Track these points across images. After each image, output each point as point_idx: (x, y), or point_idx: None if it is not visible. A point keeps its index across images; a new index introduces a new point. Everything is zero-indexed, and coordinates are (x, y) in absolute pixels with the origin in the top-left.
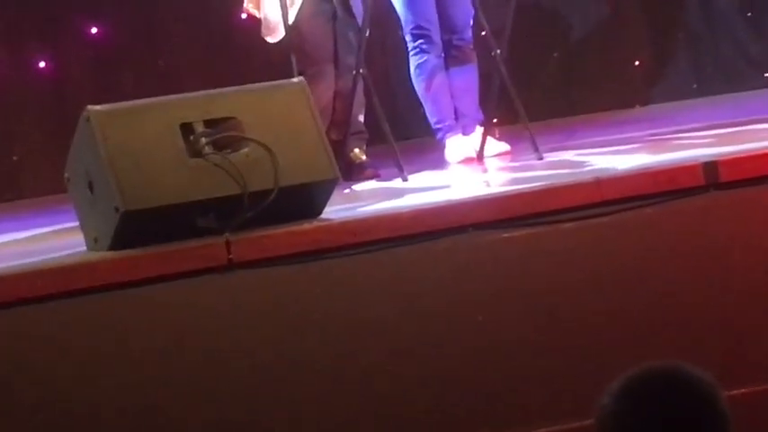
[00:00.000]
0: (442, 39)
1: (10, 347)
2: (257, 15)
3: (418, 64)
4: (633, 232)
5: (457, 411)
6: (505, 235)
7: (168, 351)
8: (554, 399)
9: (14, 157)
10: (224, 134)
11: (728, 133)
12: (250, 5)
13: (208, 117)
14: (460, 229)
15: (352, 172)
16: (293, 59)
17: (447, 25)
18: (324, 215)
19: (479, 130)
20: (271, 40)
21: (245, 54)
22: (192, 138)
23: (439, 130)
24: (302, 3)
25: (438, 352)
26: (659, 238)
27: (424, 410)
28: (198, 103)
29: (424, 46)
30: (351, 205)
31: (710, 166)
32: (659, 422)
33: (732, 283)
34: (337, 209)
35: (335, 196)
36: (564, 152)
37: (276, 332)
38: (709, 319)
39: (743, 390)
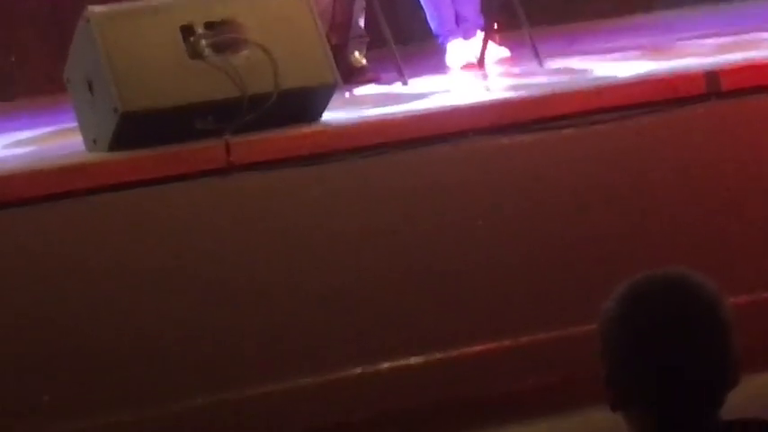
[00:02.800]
0: None
1: (7, 247)
2: None
3: None
4: (633, 140)
5: (456, 317)
6: (505, 141)
7: (166, 252)
8: (553, 305)
9: (12, 58)
10: (224, 36)
11: (731, 42)
12: None
13: (208, 19)
14: (460, 135)
15: (353, 76)
16: None
17: None
18: (323, 119)
19: (480, 35)
20: None
21: None
22: (192, 39)
23: (439, 34)
24: None
25: (437, 256)
26: (659, 147)
27: (422, 316)
28: (198, 5)
29: None
30: (350, 109)
31: (712, 75)
32: (662, 326)
33: (731, 193)
34: (337, 113)
35: (335, 100)
36: (565, 59)
37: (274, 234)
38: (708, 227)
39: (742, 298)
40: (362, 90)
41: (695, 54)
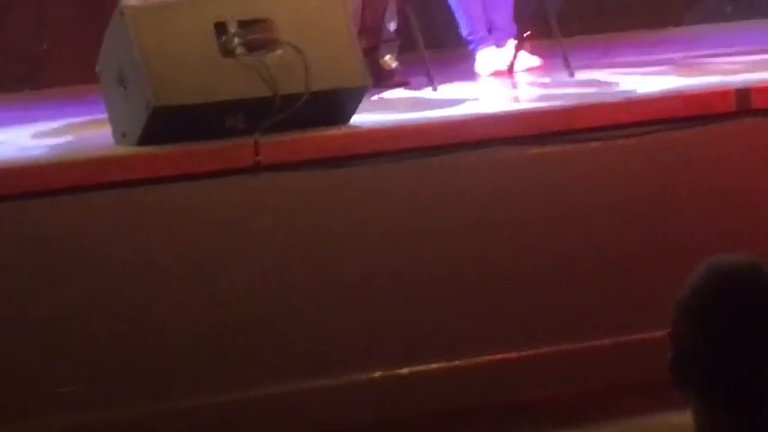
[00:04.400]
0: None
1: (36, 237)
2: None
3: None
4: (661, 155)
5: (478, 324)
6: (532, 151)
7: (191, 249)
8: (573, 317)
9: (44, 46)
10: (257, 35)
11: (763, 60)
12: None
13: (242, 17)
14: (487, 143)
15: (383, 79)
16: None
17: None
18: (352, 122)
19: (512, 43)
20: None
21: None
22: (225, 37)
23: (471, 41)
24: None
25: (459, 262)
26: (688, 163)
27: (443, 322)
28: (233, 3)
29: None
30: (379, 112)
31: (743, 93)
32: (741, 313)
33: (761, 211)
34: (366, 115)
35: (364, 103)
36: (595, 70)
37: (300, 235)
38: (737, 245)
39: None
40: (391, 93)
41: (726, 71)
